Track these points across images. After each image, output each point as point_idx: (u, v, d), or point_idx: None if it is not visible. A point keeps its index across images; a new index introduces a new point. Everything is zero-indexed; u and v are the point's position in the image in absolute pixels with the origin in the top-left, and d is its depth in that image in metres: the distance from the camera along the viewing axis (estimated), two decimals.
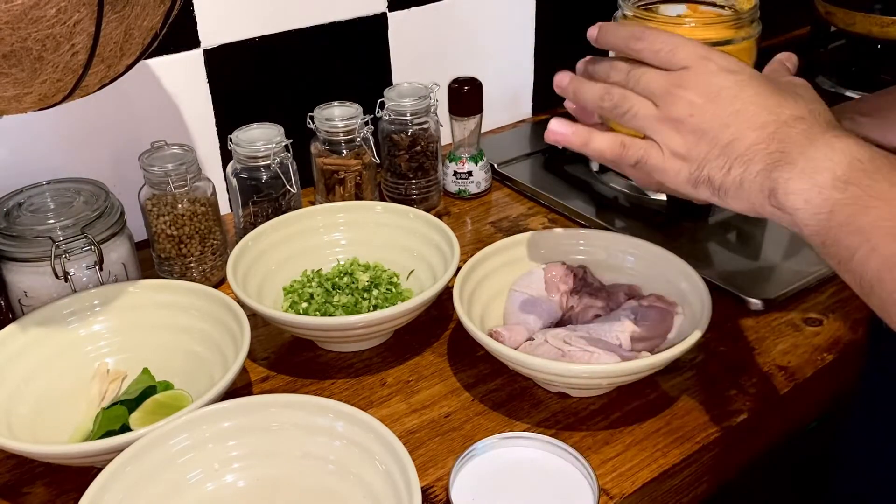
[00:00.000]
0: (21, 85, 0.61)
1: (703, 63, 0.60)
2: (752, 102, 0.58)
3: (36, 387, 0.75)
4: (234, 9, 0.99)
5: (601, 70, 0.66)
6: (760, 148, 0.57)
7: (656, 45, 0.62)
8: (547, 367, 0.70)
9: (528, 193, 1.11)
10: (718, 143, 0.58)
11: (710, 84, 0.60)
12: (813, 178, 0.54)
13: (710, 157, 0.59)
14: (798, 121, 0.57)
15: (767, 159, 0.56)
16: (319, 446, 0.66)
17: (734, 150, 0.58)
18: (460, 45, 1.20)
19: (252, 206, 0.95)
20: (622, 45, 0.64)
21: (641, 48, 0.63)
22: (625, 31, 0.65)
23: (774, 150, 0.56)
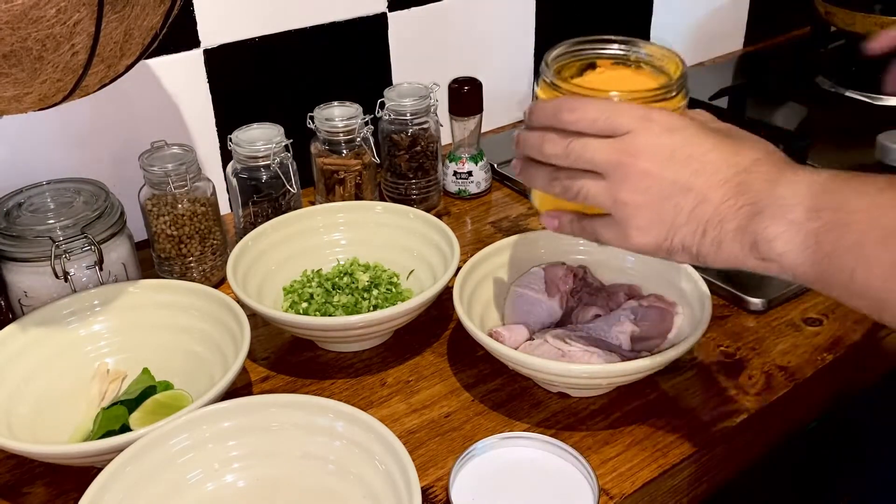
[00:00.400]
0: (21, 85, 0.61)
1: (646, 125, 0.57)
2: (707, 160, 0.56)
3: (36, 387, 0.75)
4: (234, 9, 0.99)
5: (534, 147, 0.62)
6: (729, 205, 0.55)
7: (591, 113, 0.58)
8: (547, 367, 0.70)
9: (528, 193, 1.11)
10: (683, 209, 0.56)
11: (659, 147, 0.56)
12: (786, 217, 0.52)
13: (678, 225, 0.56)
14: (757, 164, 0.55)
15: (740, 214, 0.54)
16: (319, 446, 0.66)
17: (703, 214, 0.55)
18: (460, 45, 1.20)
19: (252, 206, 0.95)
20: (554, 121, 0.60)
21: (576, 119, 0.59)
22: (553, 104, 0.60)
23: (744, 204, 0.54)
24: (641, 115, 0.57)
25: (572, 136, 0.59)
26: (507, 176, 1.14)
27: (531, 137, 0.62)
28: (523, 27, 1.26)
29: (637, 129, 0.57)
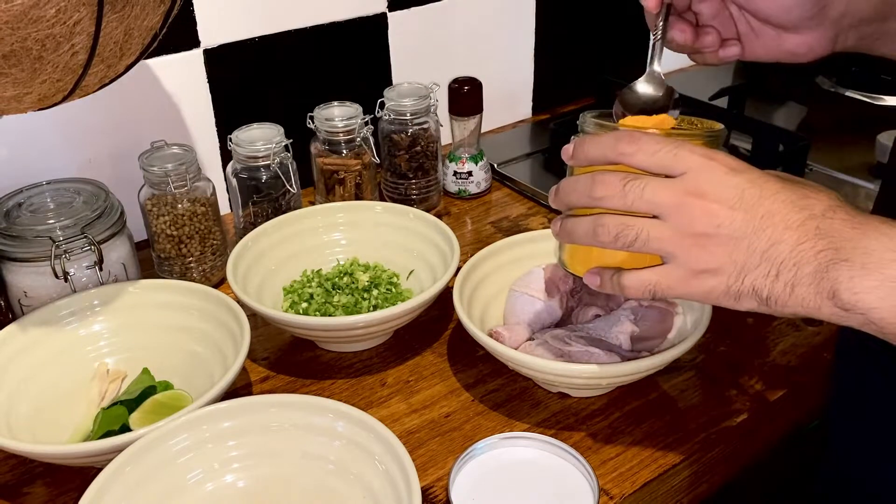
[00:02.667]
0: (21, 85, 0.61)
1: (709, 164, 0.53)
2: (778, 200, 0.52)
3: (36, 387, 0.75)
4: (234, 9, 0.99)
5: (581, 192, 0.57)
6: (806, 248, 0.51)
7: (652, 146, 0.54)
8: (547, 367, 0.70)
9: (528, 193, 1.11)
10: (756, 250, 0.52)
11: (726, 186, 0.53)
12: (881, 272, 0.49)
13: (750, 267, 0.52)
14: (832, 210, 0.52)
15: (819, 259, 0.51)
16: (319, 446, 0.66)
17: (777, 255, 0.52)
18: (460, 45, 1.20)
19: (252, 206, 0.95)
20: (609, 153, 0.56)
21: (634, 150, 0.54)
22: (609, 136, 0.56)
23: (824, 248, 0.51)
24: (704, 153, 0.54)
25: (629, 175, 0.55)
26: (507, 176, 1.14)
27: (576, 181, 0.57)
28: (523, 27, 1.26)
29: (700, 168, 0.53)
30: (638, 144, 0.55)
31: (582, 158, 0.58)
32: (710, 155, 0.54)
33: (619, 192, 0.54)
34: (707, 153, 0.54)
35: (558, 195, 0.59)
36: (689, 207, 0.53)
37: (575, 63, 1.35)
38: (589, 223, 0.57)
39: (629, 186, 0.54)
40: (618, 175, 0.55)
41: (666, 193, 0.53)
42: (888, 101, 1.27)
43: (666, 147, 0.54)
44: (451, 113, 1.07)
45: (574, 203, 0.58)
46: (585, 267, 0.61)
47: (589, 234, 0.57)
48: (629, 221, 0.55)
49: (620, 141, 0.55)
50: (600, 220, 0.56)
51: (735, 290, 0.53)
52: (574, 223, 0.58)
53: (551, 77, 1.33)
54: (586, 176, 0.57)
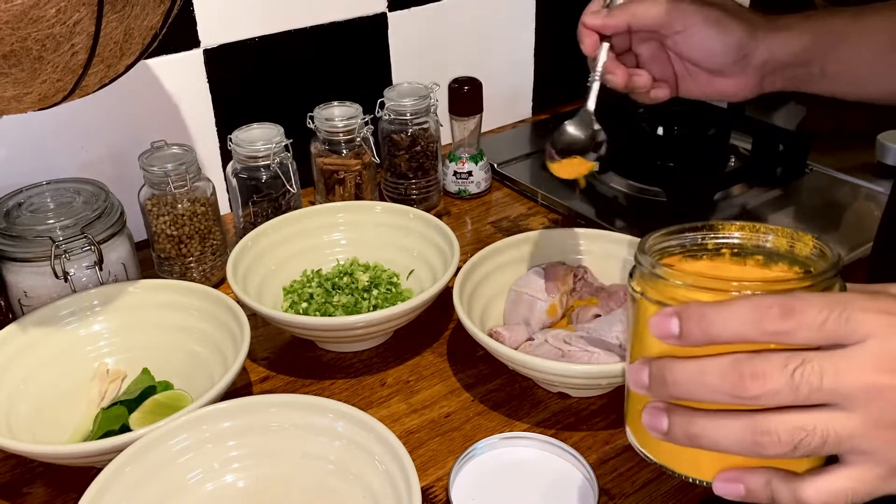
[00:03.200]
0: (21, 85, 0.61)
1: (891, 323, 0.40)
2: None
3: (36, 387, 0.75)
4: (234, 9, 0.99)
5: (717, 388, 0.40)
6: None
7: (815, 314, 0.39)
8: (547, 367, 0.70)
9: (528, 193, 1.11)
10: None
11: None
12: None
13: None
14: None
15: None
16: (319, 446, 0.66)
17: None
18: (460, 45, 1.20)
19: (252, 206, 0.95)
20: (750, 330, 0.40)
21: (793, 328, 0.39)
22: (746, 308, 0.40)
23: None
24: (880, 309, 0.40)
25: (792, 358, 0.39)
26: (507, 176, 1.14)
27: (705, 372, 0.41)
28: (523, 27, 1.26)
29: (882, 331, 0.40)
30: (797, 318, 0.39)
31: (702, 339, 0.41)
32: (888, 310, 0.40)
33: (787, 385, 0.39)
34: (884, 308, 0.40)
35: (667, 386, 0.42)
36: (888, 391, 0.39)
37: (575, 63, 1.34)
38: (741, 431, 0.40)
39: (800, 375, 0.39)
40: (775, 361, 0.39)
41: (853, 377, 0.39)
42: None
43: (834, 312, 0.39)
44: (451, 113, 1.07)
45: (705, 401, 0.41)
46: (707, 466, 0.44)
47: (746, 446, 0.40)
48: (807, 424, 0.39)
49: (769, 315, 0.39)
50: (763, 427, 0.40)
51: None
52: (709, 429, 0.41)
53: (551, 77, 1.33)
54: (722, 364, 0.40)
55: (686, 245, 0.49)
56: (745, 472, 0.43)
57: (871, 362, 0.39)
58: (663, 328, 0.41)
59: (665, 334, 0.41)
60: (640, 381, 0.43)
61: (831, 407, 0.40)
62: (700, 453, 0.43)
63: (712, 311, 0.40)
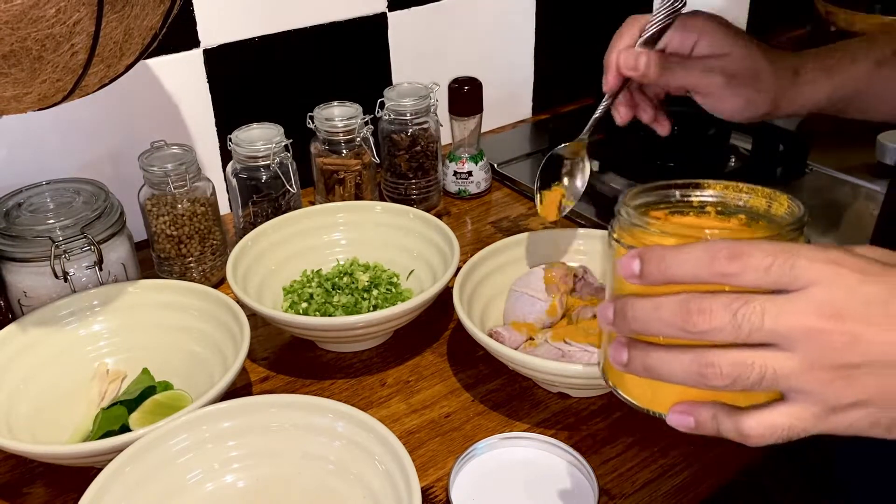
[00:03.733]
0: (21, 85, 0.61)
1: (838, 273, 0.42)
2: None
3: (36, 387, 0.75)
4: (233, 9, 0.99)
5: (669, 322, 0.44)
6: None
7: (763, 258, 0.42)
8: (547, 367, 0.70)
9: (528, 193, 1.11)
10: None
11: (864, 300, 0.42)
12: None
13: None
14: None
15: None
16: (319, 446, 0.66)
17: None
18: (460, 45, 1.20)
19: (252, 206, 0.95)
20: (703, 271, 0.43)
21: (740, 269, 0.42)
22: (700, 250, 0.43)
23: None
24: (826, 258, 0.42)
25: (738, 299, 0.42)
26: (507, 176, 1.14)
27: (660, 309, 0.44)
28: (523, 27, 1.26)
29: (825, 279, 0.42)
30: (744, 260, 0.42)
31: (659, 279, 0.44)
32: (835, 260, 0.43)
33: (730, 323, 0.42)
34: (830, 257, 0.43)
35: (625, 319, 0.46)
36: (825, 334, 0.42)
37: (575, 63, 1.35)
38: (688, 362, 0.44)
39: (742, 315, 0.42)
40: (721, 300, 0.42)
41: (793, 319, 0.42)
42: None
43: (779, 258, 0.42)
44: (451, 113, 1.07)
45: (659, 335, 0.45)
46: (663, 400, 0.48)
47: (691, 376, 0.44)
48: (747, 359, 0.42)
49: (718, 257, 0.43)
50: (706, 360, 0.43)
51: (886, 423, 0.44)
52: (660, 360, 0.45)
53: (551, 77, 1.33)
54: (673, 301, 0.43)
55: (671, 201, 0.53)
56: (695, 405, 0.46)
57: (812, 308, 0.42)
58: (627, 268, 0.45)
59: (628, 274, 0.45)
60: (606, 317, 0.47)
61: (773, 347, 0.42)
62: (658, 389, 0.47)
63: (670, 252, 0.44)
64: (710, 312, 0.42)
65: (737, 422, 0.45)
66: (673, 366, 0.44)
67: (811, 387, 0.43)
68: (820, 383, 0.43)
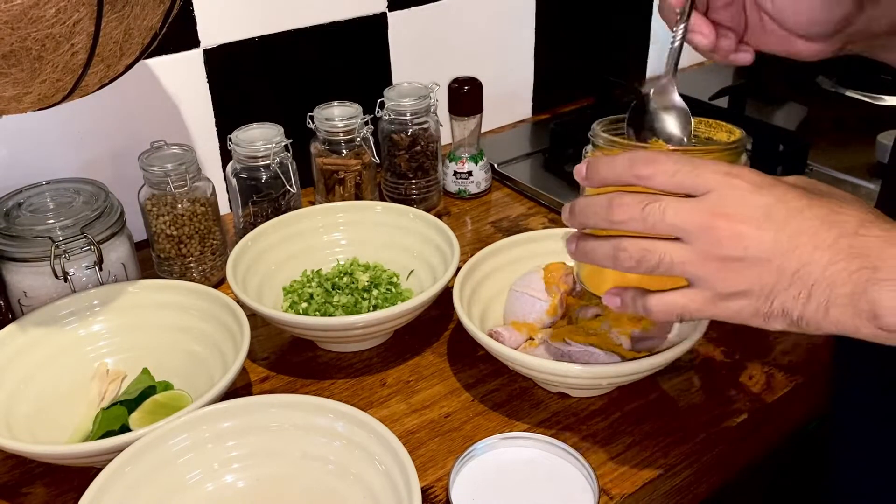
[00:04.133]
0: (21, 85, 0.61)
1: (733, 181, 0.51)
2: (806, 218, 0.50)
3: (36, 387, 0.75)
4: (233, 9, 0.99)
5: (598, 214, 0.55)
6: (839, 268, 0.48)
7: (671, 165, 0.52)
8: (547, 367, 0.70)
9: (528, 193, 1.11)
10: (786, 271, 0.50)
11: (752, 206, 0.50)
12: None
13: (780, 288, 0.50)
14: (865, 226, 0.49)
15: (854, 279, 0.48)
16: (319, 446, 0.66)
17: (808, 276, 0.49)
18: (460, 45, 1.20)
19: (252, 206, 0.95)
20: (625, 174, 0.53)
21: (652, 172, 0.52)
22: (624, 157, 0.53)
23: (859, 268, 0.48)
24: (727, 171, 0.51)
25: (648, 198, 0.52)
26: (507, 176, 1.14)
27: (593, 204, 0.55)
28: (523, 27, 1.26)
29: (723, 187, 0.51)
30: (655, 166, 0.52)
31: (596, 180, 0.55)
32: (733, 172, 0.51)
33: (639, 215, 0.52)
34: (730, 170, 0.51)
35: (573, 215, 0.57)
36: (714, 230, 0.50)
37: (575, 63, 1.35)
38: (609, 247, 0.54)
39: (649, 209, 0.52)
40: (636, 197, 0.52)
41: (688, 216, 0.51)
42: (888, 101, 1.27)
43: (685, 167, 0.51)
44: (451, 113, 1.07)
45: (591, 225, 0.56)
46: (604, 286, 0.60)
47: (609, 258, 0.55)
48: (650, 246, 0.52)
49: (636, 163, 0.53)
50: (620, 245, 0.54)
51: (764, 312, 0.51)
52: (592, 246, 0.56)
53: (551, 77, 1.33)
54: (603, 198, 0.54)
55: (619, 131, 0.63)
56: (623, 289, 0.58)
57: (706, 208, 0.51)
58: (576, 171, 0.57)
59: (577, 176, 0.57)
60: (564, 215, 0.58)
61: (674, 240, 0.52)
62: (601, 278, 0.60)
63: (605, 159, 0.55)
64: (625, 206, 0.52)
65: (645, 300, 0.56)
66: (599, 251, 0.55)
67: (702, 273, 0.52)
68: (710, 271, 0.51)
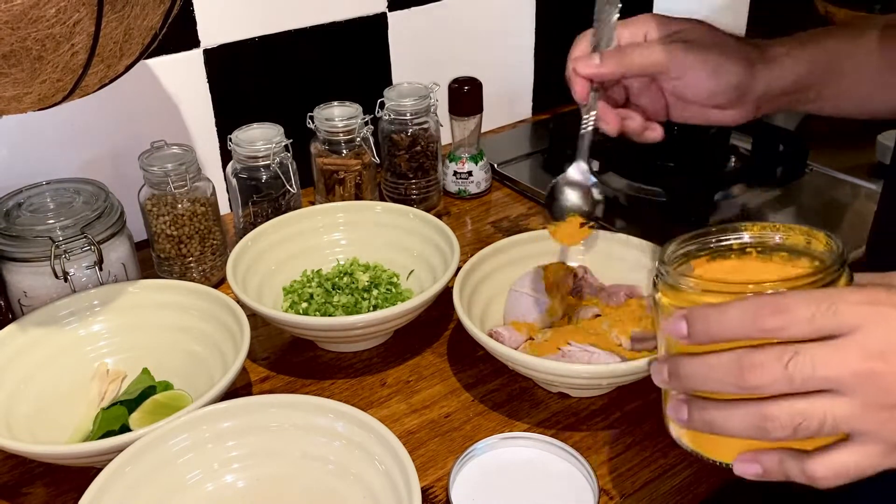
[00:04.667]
0: (21, 85, 0.61)
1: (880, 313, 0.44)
2: None
3: (36, 387, 0.75)
4: (233, 9, 0.99)
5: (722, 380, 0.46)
6: None
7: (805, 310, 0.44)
8: (547, 367, 0.70)
9: (528, 193, 1.11)
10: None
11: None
12: None
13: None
14: None
15: None
16: (319, 446, 0.66)
17: None
18: (460, 45, 1.20)
19: (252, 206, 0.95)
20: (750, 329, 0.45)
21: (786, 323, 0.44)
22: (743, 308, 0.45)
23: None
24: (867, 301, 0.44)
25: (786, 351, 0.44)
26: (507, 176, 1.14)
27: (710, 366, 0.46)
28: (523, 27, 1.26)
29: (871, 322, 0.43)
30: (787, 314, 0.44)
31: (707, 339, 0.46)
32: (876, 300, 0.44)
33: (782, 375, 0.44)
34: (870, 298, 0.44)
35: (681, 380, 0.48)
36: (875, 376, 0.43)
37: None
38: (749, 418, 0.45)
39: (794, 366, 0.43)
40: (772, 353, 0.44)
41: (843, 365, 0.43)
42: None
43: (821, 307, 0.44)
44: (451, 113, 1.07)
45: (714, 391, 0.47)
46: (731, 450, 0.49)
47: (753, 429, 0.45)
48: (807, 411, 0.44)
49: (761, 314, 0.44)
50: (766, 413, 0.45)
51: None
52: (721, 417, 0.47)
53: (551, 77, 1.33)
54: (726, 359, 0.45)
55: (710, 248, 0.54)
56: (761, 452, 0.48)
57: (860, 351, 0.43)
58: (675, 329, 0.47)
59: (677, 335, 0.47)
60: (662, 378, 0.49)
61: (828, 393, 0.44)
62: (722, 439, 0.48)
63: (714, 312, 0.46)
64: (762, 367, 0.44)
65: (804, 466, 0.46)
66: (733, 421, 0.46)
67: (870, 427, 0.44)
68: (878, 423, 0.44)
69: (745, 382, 0.44)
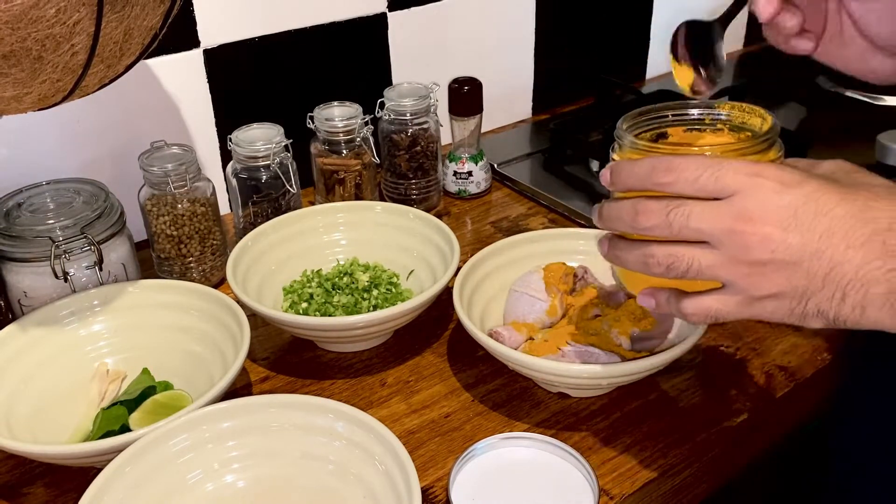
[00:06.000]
0: (21, 85, 0.61)
1: (758, 182, 0.50)
2: (837, 216, 0.49)
3: (36, 387, 0.75)
4: (233, 9, 0.99)
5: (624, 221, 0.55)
6: (874, 267, 0.48)
7: (692, 171, 0.51)
8: (547, 367, 0.70)
9: (528, 193, 1.11)
10: (817, 273, 0.49)
11: (778, 207, 0.49)
12: None
13: (813, 290, 0.50)
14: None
15: (889, 277, 0.48)
16: (319, 446, 0.66)
17: (842, 276, 0.49)
18: (460, 45, 1.20)
19: (252, 206, 0.95)
20: (647, 181, 0.53)
21: (673, 180, 0.52)
22: (645, 164, 0.53)
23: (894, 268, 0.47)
24: (750, 171, 0.50)
25: (671, 203, 0.52)
26: (507, 176, 1.14)
27: (619, 209, 0.55)
28: (523, 27, 1.26)
29: (747, 188, 0.50)
30: (675, 173, 0.51)
31: (620, 187, 0.56)
32: (756, 172, 0.50)
33: (664, 221, 0.52)
34: (754, 170, 0.50)
35: (602, 219, 0.57)
36: (740, 234, 0.50)
37: (575, 63, 1.35)
38: (638, 253, 0.55)
39: (673, 216, 0.51)
40: (660, 203, 0.52)
41: (713, 221, 0.50)
42: (888, 101, 1.27)
43: (706, 171, 0.51)
44: (451, 113, 1.07)
45: (619, 230, 0.56)
46: (638, 286, 0.60)
47: (639, 264, 0.55)
48: (678, 253, 0.52)
49: (656, 170, 0.52)
50: (649, 252, 0.54)
51: (799, 313, 0.51)
52: (623, 251, 0.56)
53: (551, 77, 1.33)
54: (628, 203, 0.54)
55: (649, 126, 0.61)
56: (657, 290, 0.58)
57: (731, 212, 0.50)
58: (602, 178, 0.57)
59: (603, 182, 0.57)
60: (594, 218, 0.58)
61: (702, 245, 0.52)
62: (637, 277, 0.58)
63: (627, 165, 0.55)
64: (649, 212, 0.53)
65: (680, 303, 0.56)
66: (629, 256, 0.56)
67: (732, 277, 0.51)
68: (739, 276, 0.51)
69: (636, 224, 0.53)
